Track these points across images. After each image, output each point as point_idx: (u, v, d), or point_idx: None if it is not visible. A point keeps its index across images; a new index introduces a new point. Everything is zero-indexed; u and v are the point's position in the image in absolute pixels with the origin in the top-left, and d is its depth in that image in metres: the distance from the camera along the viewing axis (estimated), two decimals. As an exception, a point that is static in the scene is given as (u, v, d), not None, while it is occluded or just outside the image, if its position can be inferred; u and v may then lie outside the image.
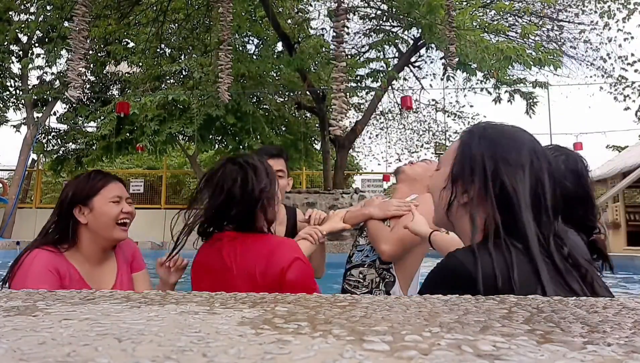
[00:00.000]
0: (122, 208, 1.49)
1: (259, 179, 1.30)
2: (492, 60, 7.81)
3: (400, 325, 0.37)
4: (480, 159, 0.91)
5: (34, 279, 1.30)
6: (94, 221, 1.44)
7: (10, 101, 12.73)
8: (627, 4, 10.83)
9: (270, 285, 1.17)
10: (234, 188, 1.28)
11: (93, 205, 1.45)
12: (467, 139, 0.96)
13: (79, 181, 1.51)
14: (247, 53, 10.14)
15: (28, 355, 0.28)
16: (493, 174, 0.89)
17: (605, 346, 0.32)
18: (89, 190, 1.47)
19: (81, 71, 4.31)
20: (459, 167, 0.94)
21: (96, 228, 1.45)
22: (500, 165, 0.89)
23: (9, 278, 1.35)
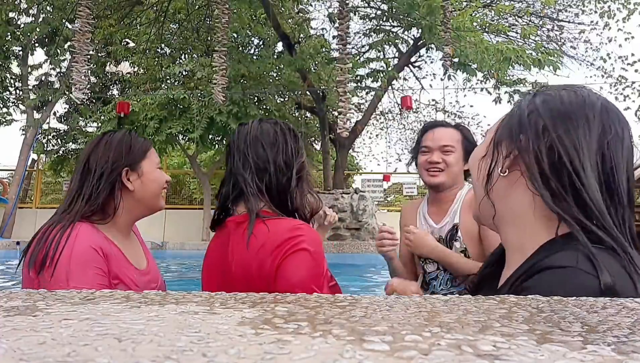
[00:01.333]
0: (167, 177, 1.32)
1: (298, 146, 1.10)
2: (492, 61, 7.81)
3: (400, 325, 0.37)
4: (528, 112, 0.73)
5: (80, 259, 1.09)
6: (141, 188, 1.24)
7: (10, 102, 12.73)
8: (627, 4, 10.82)
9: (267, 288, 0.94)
10: (269, 150, 1.06)
11: (142, 170, 1.25)
12: (518, 103, 0.79)
13: (120, 141, 1.26)
14: (248, 53, 10.15)
15: (28, 355, 0.28)
16: (543, 129, 0.70)
17: (605, 346, 0.32)
18: (138, 152, 1.26)
19: (85, 72, 4.32)
20: (505, 128, 0.77)
21: (142, 196, 1.25)
22: (557, 120, 0.70)
23: (48, 257, 1.07)
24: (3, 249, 7.98)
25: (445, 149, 1.73)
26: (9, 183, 12.47)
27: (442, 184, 1.73)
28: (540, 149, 0.70)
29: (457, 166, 1.74)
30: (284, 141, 1.11)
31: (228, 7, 5.01)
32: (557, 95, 0.74)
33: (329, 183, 9.74)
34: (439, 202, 1.78)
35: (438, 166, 1.72)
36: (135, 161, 1.25)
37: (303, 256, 0.99)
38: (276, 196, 1.08)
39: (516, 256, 0.73)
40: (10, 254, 7.99)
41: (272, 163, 1.07)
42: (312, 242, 1.00)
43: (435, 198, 1.79)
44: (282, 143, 1.10)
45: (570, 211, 0.66)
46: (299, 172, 1.09)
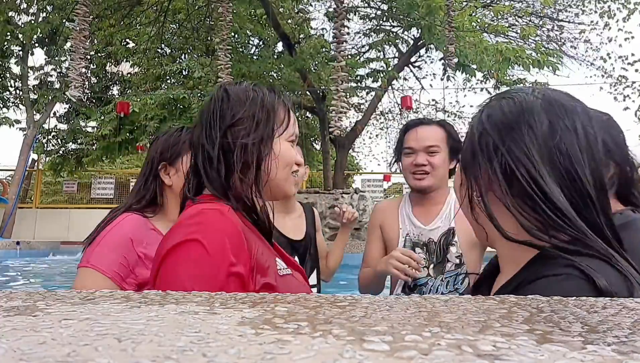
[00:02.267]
0: None
1: (230, 105, 0.90)
2: (492, 61, 7.81)
3: (400, 325, 0.37)
4: (478, 134, 0.73)
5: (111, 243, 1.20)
6: (178, 183, 1.29)
7: (10, 101, 12.73)
8: (627, 4, 10.83)
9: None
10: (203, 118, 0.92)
11: (180, 165, 1.30)
12: (471, 123, 0.78)
13: (168, 137, 1.34)
14: (248, 53, 10.15)
15: (28, 355, 0.28)
16: (494, 148, 0.70)
17: (605, 346, 0.32)
18: (179, 148, 1.31)
19: (82, 70, 4.32)
20: (465, 154, 0.76)
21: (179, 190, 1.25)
22: (503, 134, 0.70)
23: (94, 238, 1.23)
24: (3, 249, 7.97)
25: (430, 150, 1.64)
26: (9, 183, 12.47)
27: (430, 187, 1.66)
28: (495, 169, 0.69)
29: (443, 167, 1.67)
30: (217, 106, 0.91)
31: (230, 6, 5.01)
32: (498, 106, 0.73)
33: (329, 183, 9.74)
34: (426, 203, 1.71)
35: (424, 169, 1.64)
36: (174, 156, 1.31)
37: (190, 248, 0.77)
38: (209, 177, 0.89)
39: (510, 265, 0.73)
40: (10, 254, 7.99)
41: (202, 133, 0.91)
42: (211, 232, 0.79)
43: (422, 199, 1.72)
44: (213, 109, 0.91)
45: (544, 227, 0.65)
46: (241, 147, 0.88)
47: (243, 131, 0.89)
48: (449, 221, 1.65)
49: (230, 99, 0.92)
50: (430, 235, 1.65)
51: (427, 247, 1.64)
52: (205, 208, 0.84)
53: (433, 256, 1.63)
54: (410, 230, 1.68)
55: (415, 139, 1.67)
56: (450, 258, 1.61)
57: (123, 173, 13.74)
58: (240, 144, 0.88)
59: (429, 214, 1.69)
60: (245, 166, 0.88)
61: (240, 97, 0.93)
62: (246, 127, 0.89)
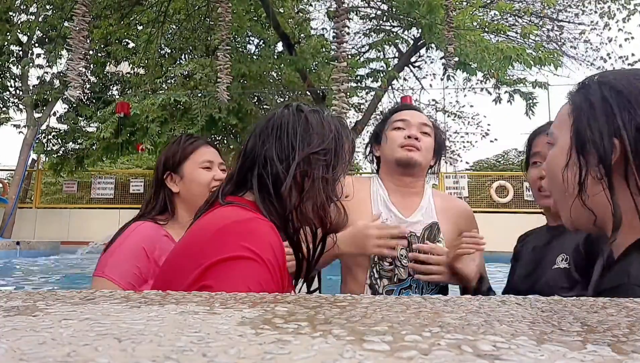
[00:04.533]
0: (215, 174, 1.34)
1: (312, 131, 0.89)
2: (492, 60, 7.81)
3: (400, 325, 0.37)
4: (610, 108, 0.68)
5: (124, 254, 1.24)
6: (185, 190, 1.33)
7: (10, 101, 12.72)
8: (627, 4, 10.82)
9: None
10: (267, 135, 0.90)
11: (183, 172, 1.34)
12: (582, 93, 0.73)
13: (170, 146, 1.39)
14: (248, 53, 10.15)
15: (28, 355, 0.28)
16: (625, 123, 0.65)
17: (605, 346, 0.32)
18: (180, 155, 1.35)
19: (81, 70, 4.31)
20: (582, 126, 0.70)
21: (188, 197, 1.33)
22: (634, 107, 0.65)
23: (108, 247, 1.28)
24: (3, 249, 7.97)
25: (424, 130, 1.49)
26: (9, 183, 12.46)
27: (418, 163, 1.46)
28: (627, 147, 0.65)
29: (429, 155, 1.51)
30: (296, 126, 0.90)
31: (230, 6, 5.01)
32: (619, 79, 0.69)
33: (329, 183, 9.72)
34: (404, 192, 1.50)
35: (415, 144, 1.45)
36: (177, 164, 1.35)
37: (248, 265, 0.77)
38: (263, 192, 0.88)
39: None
40: (11, 254, 7.98)
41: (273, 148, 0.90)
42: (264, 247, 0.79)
43: (400, 186, 1.49)
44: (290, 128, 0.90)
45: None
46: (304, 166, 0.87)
47: (323, 163, 0.89)
48: (430, 217, 1.48)
49: (312, 124, 0.91)
50: (412, 229, 1.45)
51: (407, 241, 1.44)
52: (256, 217, 0.83)
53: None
54: (387, 218, 1.46)
55: (411, 115, 1.51)
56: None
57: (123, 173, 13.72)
58: (317, 176, 0.88)
59: (409, 206, 1.49)
60: (310, 195, 0.88)
61: (323, 126, 0.92)
62: (327, 159, 0.90)
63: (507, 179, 12.66)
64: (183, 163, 1.35)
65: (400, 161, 1.46)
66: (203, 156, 1.36)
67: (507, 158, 22.31)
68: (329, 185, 0.89)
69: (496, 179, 12.79)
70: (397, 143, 1.47)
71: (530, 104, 9.62)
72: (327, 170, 0.89)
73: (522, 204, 11.92)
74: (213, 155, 1.38)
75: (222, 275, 0.75)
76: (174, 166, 1.35)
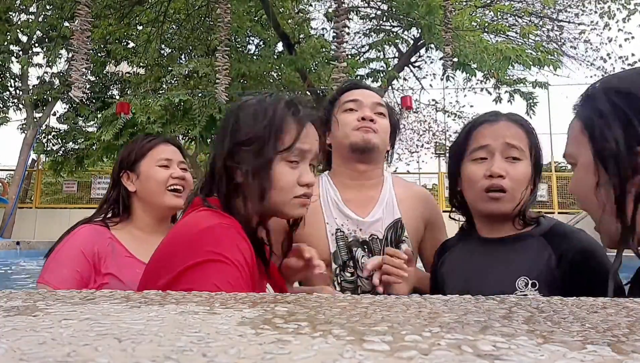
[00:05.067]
0: (172, 172, 1.31)
1: (240, 122, 0.90)
2: (492, 60, 7.81)
3: (400, 325, 0.37)
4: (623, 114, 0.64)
5: (63, 259, 1.23)
6: (141, 188, 1.30)
7: (10, 101, 12.72)
8: (627, 4, 10.83)
9: None
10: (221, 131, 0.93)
11: (140, 170, 1.31)
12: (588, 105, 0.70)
13: (128, 145, 1.37)
14: (248, 53, 10.14)
15: (28, 355, 0.28)
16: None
17: (605, 346, 0.32)
18: (136, 153, 1.32)
19: (84, 71, 4.32)
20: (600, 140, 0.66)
21: (145, 195, 1.30)
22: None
23: (49, 253, 1.27)
24: (3, 249, 7.97)
25: (378, 110, 1.32)
26: (9, 183, 12.45)
27: (377, 148, 1.29)
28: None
29: (387, 137, 1.35)
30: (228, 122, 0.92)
31: (229, 7, 5.01)
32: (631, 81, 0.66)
33: (329, 183, 9.72)
34: (360, 186, 1.32)
35: (371, 126, 1.28)
36: (133, 162, 1.32)
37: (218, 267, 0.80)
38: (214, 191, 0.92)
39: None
40: (10, 254, 7.98)
41: (215, 147, 0.93)
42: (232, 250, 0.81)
43: (355, 179, 1.32)
44: (224, 124, 0.93)
45: None
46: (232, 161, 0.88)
47: (247, 154, 0.89)
48: (393, 211, 1.30)
49: (242, 116, 0.92)
50: (372, 230, 1.27)
51: (369, 246, 1.26)
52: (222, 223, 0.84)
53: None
54: (343, 224, 1.27)
55: (362, 95, 1.34)
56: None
57: (123, 173, 13.69)
58: (242, 168, 0.88)
59: (365, 203, 1.30)
60: (247, 188, 0.89)
61: (251, 115, 0.91)
62: (251, 149, 0.89)
63: (507, 179, 12.60)
64: (140, 161, 1.32)
65: (355, 145, 1.28)
66: (161, 153, 1.32)
67: (507, 158, 22.24)
68: (260, 173, 0.87)
69: (496, 179, 12.75)
70: (351, 126, 1.28)
71: (531, 103, 9.62)
72: (256, 159, 0.87)
73: (522, 204, 11.85)
74: (172, 153, 1.34)
75: (193, 279, 0.78)
76: (130, 164, 1.32)
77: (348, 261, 1.24)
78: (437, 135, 15.80)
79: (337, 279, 1.24)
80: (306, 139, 0.91)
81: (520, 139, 1.07)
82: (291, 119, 0.91)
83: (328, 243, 1.25)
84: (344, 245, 1.25)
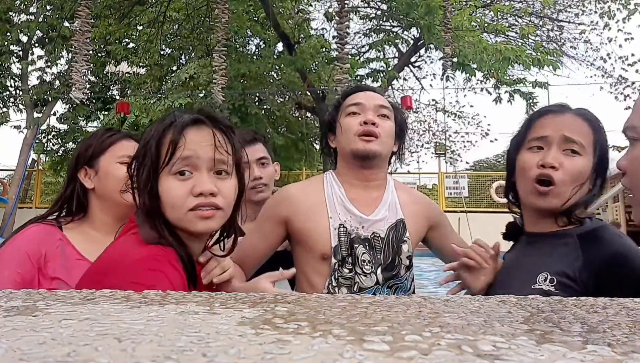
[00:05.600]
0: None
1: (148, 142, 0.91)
2: (491, 60, 7.82)
3: (400, 325, 0.37)
4: None
5: (5, 259, 1.14)
6: (99, 185, 1.23)
7: (10, 101, 12.73)
8: (627, 4, 10.83)
9: None
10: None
11: (99, 166, 1.23)
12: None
13: (87, 140, 1.28)
14: (248, 53, 10.15)
15: (28, 355, 0.28)
16: None
17: (605, 346, 0.32)
18: (95, 148, 1.24)
19: (84, 72, 4.33)
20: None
21: (103, 193, 1.23)
22: None
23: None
24: (3, 249, 7.95)
25: (381, 112, 1.32)
26: (9, 183, 12.45)
27: (378, 153, 1.29)
28: None
29: (391, 141, 1.34)
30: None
31: (227, 7, 5.01)
32: None
33: (329, 183, 9.72)
34: (363, 186, 1.33)
35: (373, 130, 1.28)
36: (92, 157, 1.25)
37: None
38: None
39: None
40: (10, 254, 7.97)
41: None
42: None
43: (359, 179, 1.33)
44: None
45: None
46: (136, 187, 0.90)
47: (136, 171, 0.89)
48: (396, 212, 1.32)
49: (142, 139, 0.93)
50: (375, 228, 1.29)
51: (370, 244, 1.27)
52: (151, 254, 0.84)
53: (380, 256, 1.27)
54: (346, 220, 1.28)
55: (365, 98, 1.34)
56: (402, 259, 1.29)
57: (123, 173, 13.70)
58: (137, 188, 0.89)
59: (370, 202, 1.32)
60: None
61: (146, 136, 0.91)
62: (138, 167, 0.89)
63: (507, 179, 12.64)
64: (99, 157, 1.24)
65: (357, 153, 1.29)
66: (122, 150, 1.25)
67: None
68: (148, 194, 0.87)
69: (496, 179, 12.79)
70: (353, 131, 1.29)
71: (531, 103, 9.63)
72: (139, 176, 0.89)
73: (522, 204, 11.88)
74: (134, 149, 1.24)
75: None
76: (88, 159, 1.24)
77: (347, 257, 1.25)
78: (437, 135, 15.82)
79: (335, 274, 1.25)
80: (189, 146, 0.88)
81: (583, 135, 1.01)
82: (168, 131, 0.89)
83: (330, 237, 1.26)
84: (345, 241, 1.26)
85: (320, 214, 1.29)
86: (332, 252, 1.25)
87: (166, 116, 0.93)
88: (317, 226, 1.27)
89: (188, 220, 0.87)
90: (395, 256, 1.28)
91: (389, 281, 1.26)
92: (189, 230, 0.88)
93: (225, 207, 0.90)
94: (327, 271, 1.26)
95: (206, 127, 0.90)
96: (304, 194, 1.33)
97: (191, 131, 0.89)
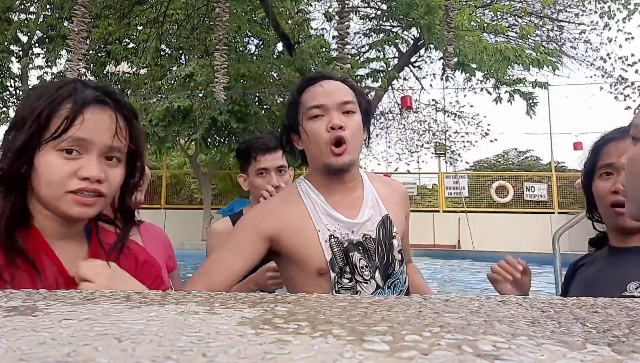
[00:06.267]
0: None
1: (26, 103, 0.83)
2: (491, 60, 7.83)
3: (400, 325, 0.37)
4: None
5: None
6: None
7: (10, 101, 12.72)
8: (627, 4, 10.83)
9: None
10: None
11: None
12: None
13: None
14: (248, 53, 10.15)
15: (28, 355, 0.28)
16: None
17: (605, 346, 0.32)
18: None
19: (81, 71, 4.32)
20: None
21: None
22: None
23: None
24: (3, 249, 7.96)
25: (346, 108, 1.21)
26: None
27: (351, 162, 1.22)
28: None
29: (360, 135, 1.25)
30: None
31: (228, 6, 5.01)
32: None
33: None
34: (342, 189, 1.26)
35: (341, 135, 1.18)
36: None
37: None
38: None
39: None
40: (10, 254, 7.97)
41: None
42: None
43: (335, 184, 1.26)
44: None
45: None
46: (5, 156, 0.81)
47: (10, 137, 0.81)
48: (379, 208, 1.28)
49: (30, 97, 0.84)
50: (364, 230, 1.24)
51: (363, 247, 1.22)
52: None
53: (375, 258, 1.22)
54: (335, 229, 1.22)
55: (325, 94, 1.21)
56: (395, 255, 1.25)
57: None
58: (4, 153, 0.80)
59: (352, 203, 1.26)
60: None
61: (34, 97, 0.83)
62: (14, 133, 0.81)
63: (507, 179, 12.67)
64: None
65: (330, 167, 1.22)
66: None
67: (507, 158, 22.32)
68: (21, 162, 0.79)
69: (496, 179, 12.80)
70: (322, 140, 1.19)
71: (531, 103, 9.63)
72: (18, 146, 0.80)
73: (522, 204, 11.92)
74: None
75: None
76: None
77: (345, 267, 1.20)
78: (437, 135, 15.80)
79: (335, 287, 1.20)
80: (85, 127, 0.79)
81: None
82: (65, 103, 0.80)
83: (322, 251, 1.19)
84: (339, 251, 1.20)
85: (307, 229, 1.21)
86: (328, 266, 1.19)
87: (65, 83, 0.84)
88: (307, 242, 1.20)
89: (64, 201, 0.80)
90: (389, 254, 1.24)
91: (388, 281, 1.24)
92: (61, 212, 0.81)
93: (108, 194, 0.84)
94: (325, 285, 1.20)
95: (109, 110, 0.83)
96: (287, 207, 1.24)
97: (91, 110, 0.81)
